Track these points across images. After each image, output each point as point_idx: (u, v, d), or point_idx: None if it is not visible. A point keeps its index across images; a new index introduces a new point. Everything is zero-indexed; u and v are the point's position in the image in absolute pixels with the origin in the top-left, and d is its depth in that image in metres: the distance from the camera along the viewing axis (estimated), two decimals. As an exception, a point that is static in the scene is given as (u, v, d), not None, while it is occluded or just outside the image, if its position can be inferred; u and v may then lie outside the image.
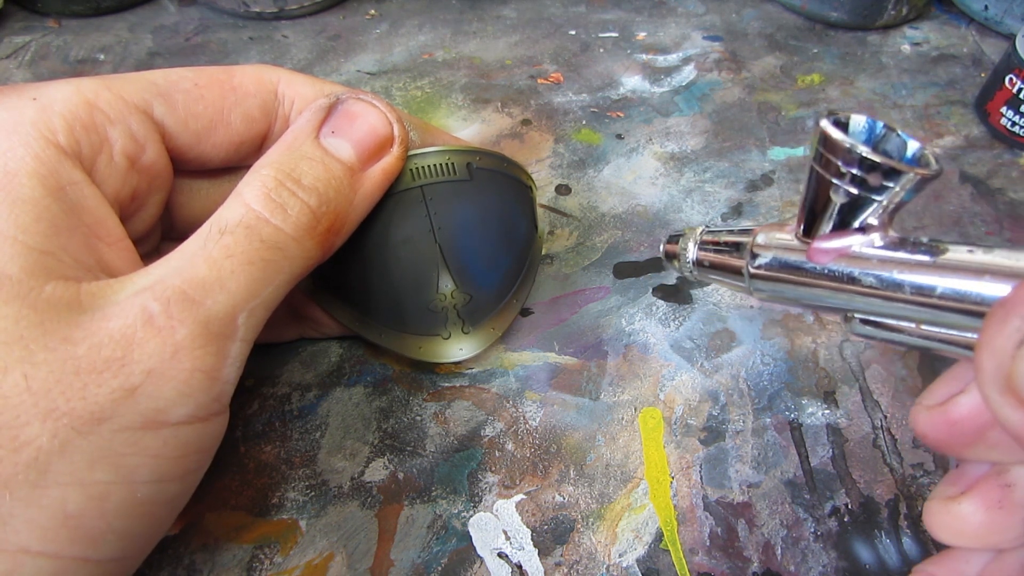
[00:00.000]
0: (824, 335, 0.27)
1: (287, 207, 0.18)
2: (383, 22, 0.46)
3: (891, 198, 0.14)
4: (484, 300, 0.24)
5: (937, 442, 0.15)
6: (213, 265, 0.16)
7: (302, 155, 0.19)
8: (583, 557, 0.21)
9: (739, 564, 0.21)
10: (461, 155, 0.23)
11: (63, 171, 0.16)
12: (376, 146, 0.20)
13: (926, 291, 0.14)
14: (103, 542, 0.14)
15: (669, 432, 0.24)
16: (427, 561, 0.21)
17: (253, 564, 0.21)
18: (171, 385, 0.15)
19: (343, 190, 0.19)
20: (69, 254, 0.16)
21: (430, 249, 0.23)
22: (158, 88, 0.19)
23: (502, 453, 0.23)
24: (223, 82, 0.20)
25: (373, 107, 0.21)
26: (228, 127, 0.20)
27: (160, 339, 0.15)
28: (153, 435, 0.15)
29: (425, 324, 0.24)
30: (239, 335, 0.16)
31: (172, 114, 0.19)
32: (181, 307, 0.15)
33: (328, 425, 0.24)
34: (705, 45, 0.44)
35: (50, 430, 0.14)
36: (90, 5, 0.46)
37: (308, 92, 0.21)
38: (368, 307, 0.24)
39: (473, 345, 0.24)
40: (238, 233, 0.17)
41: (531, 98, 0.39)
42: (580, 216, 0.32)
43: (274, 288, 0.17)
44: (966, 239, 0.31)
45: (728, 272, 0.19)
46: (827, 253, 0.16)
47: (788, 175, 0.34)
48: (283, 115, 0.21)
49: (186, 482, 0.16)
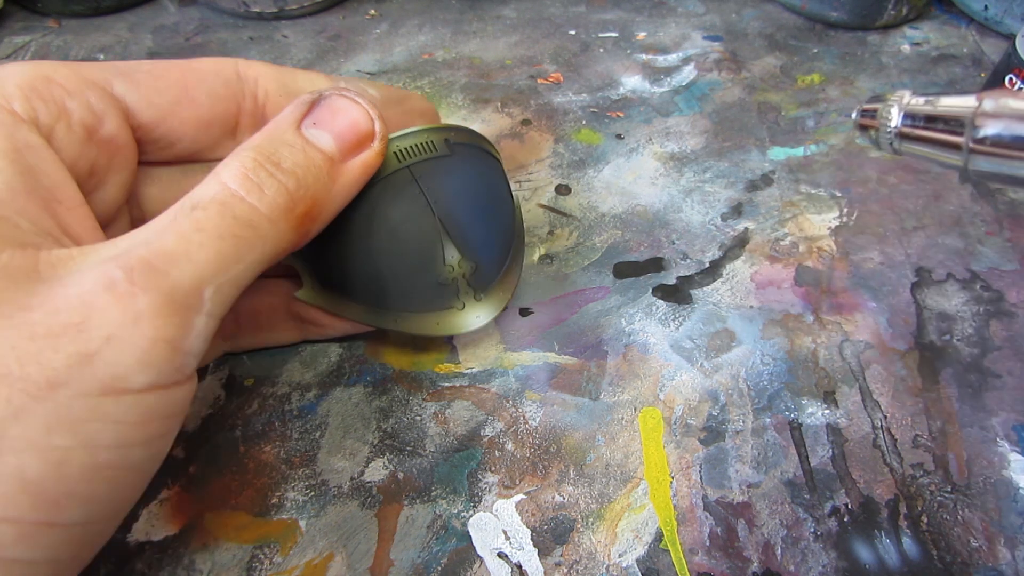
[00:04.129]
0: (824, 335, 0.27)
1: (264, 186, 0.18)
2: (383, 22, 0.46)
3: None
4: (488, 266, 0.25)
5: None
6: (182, 237, 0.16)
7: (282, 142, 0.19)
8: (583, 557, 0.21)
9: (739, 564, 0.21)
10: (438, 132, 0.23)
11: (19, 134, 0.16)
12: (357, 139, 0.21)
13: None
14: (66, 507, 0.14)
15: (669, 432, 0.24)
16: (427, 561, 0.21)
17: (253, 564, 0.21)
18: (131, 352, 0.14)
19: (322, 177, 0.19)
20: (27, 218, 0.15)
21: (430, 224, 0.23)
22: (118, 69, 0.19)
23: (502, 453, 0.23)
24: (183, 64, 0.21)
25: (355, 103, 0.21)
26: (194, 103, 0.20)
27: (121, 305, 0.14)
28: (113, 401, 0.14)
29: (439, 299, 0.24)
30: (205, 309, 0.16)
31: (134, 90, 0.19)
32: (145, 275, 0.15)
33: (328, 425, 0.24)
34: (705, 45, 0.44)
35: (4, 396, 0.13)
36: (90, 5, 0.46)
37: (266, 70, 0.22)
38: (380, 296, 0.24)
39: (488, 311, 0.24)
40: (211, 208, 0.17)
41: (531, 98, 0.39)
42: (580, 216, 0.32)
43: (245, 267, 0.17)
44: (963, 235, 0.31)
45: (942, 146, 0.16)
46: None
47: (788, 175, 0.34)
48: (250, 94, 0.21)
49: (152, 447, 0.16)
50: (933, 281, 0.29)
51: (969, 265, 0.30)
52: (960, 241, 0.31)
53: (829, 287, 0.29)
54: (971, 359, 0.26)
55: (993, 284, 0.29)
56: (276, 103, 0.22)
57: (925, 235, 0.31)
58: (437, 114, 0.26)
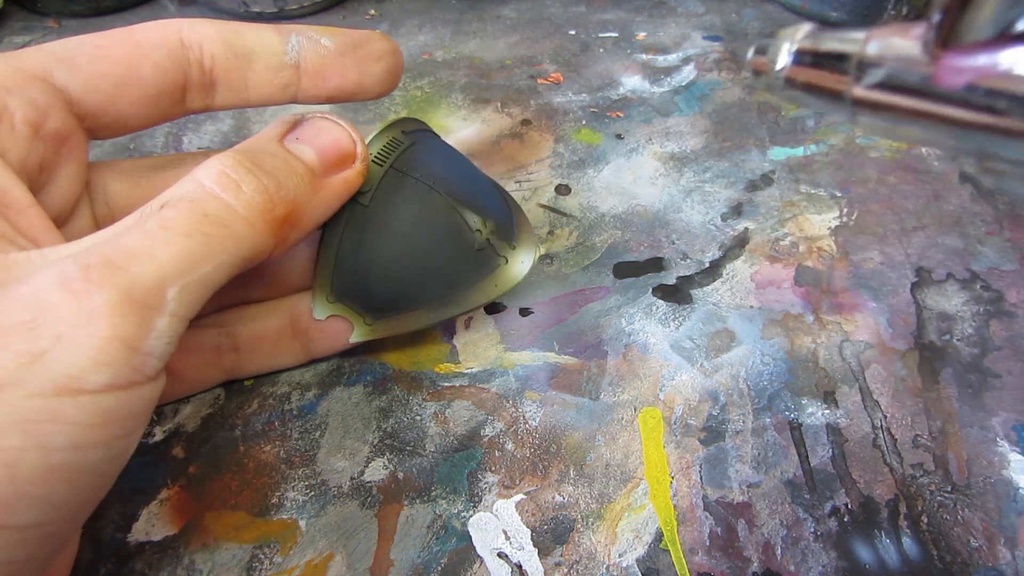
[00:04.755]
0: (824, 335, 0.27)
1: (242, 184, 0.17)
2: (383, 22, 0.46)
3: None
4: (503, 217, 0.25)
5: None
6: (146, 235, 0.15)
7: (264, 150, 0.19)
8: (583, 557, 0.21)
9: (739, 564, 0.21)
10: (394, 128, 0.24)
11: None
12: (339, 156, 0.21)
13: None
14: (17, 509, 0.13)
15: (669, 432, 0.24)
16: (427, 561, 0.21)
17: (253, 564, 0.21)
18: (84, 352, 0.14)
19: (303, 185, 0.19)
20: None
21: (442, 203, 0.23)
22: (57, 55, 0.19)
23: (502, 453, 0.23)
24: (125, 39, 0.20)
25: (338, 125, 0.21)
26: (140, 81, 0.20)
27: (75, 303, 0.14)
28: (68, 402, 0.14)
29: (484, 264, 0.25)
30: (168, 309, 0.15)
31: (76, 78, 0.19)
32: (102, 272, 0.14)
33: (328, 425, 0.24)
34: (705, 45, 0.44)
35: None
36: (90, 5, 0.46)
37: (211, 31, 0.21)
38: (434, 292, 0.24)
39: (529, 253, 0.25)
40: (180, 206, 0.16)
41: (531, 98, 0.39)
42: (580, 216, 0.32)
43: (214, 267, 0.16)
44: (963, 235, 0.31)
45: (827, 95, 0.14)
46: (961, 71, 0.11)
47: (788, 175, 0.34)
48: (195, 61, 0.21)
49: (111, 449, 0.15)
50: (933, 281, 0.29)
51: (969, 265, 0.30)
52: (960, 241, 0.31)
53: (829, 287, 0.29)
54: (971, 359, 0.26)
55: (993, 284, 0.29)
56: (224, 67, 0.21)
57: (925, 235, 0.31)
58: (398, 52, 0.25)
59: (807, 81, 0.15)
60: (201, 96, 0.22)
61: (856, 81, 0.13)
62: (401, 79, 0.40)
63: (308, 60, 0.22)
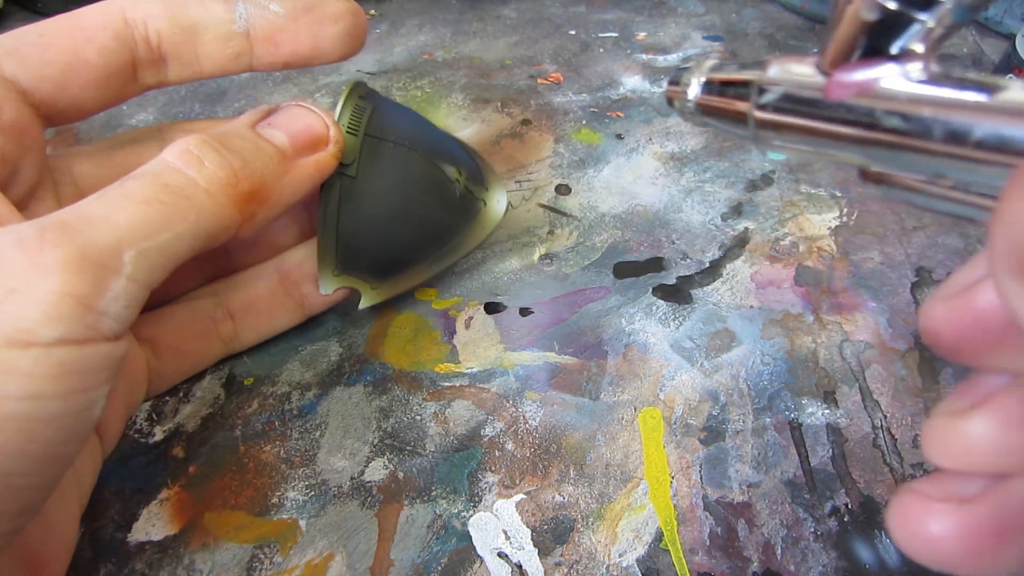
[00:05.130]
0: (824, 335, 0.27)
1: (204, 160, 0.18)
2: (383, 22, 0.46)
3: (940, 17, 0.11)
4: (472, 166, 0.27)
5: (954, 342, 0.12)
6: (105, 203, 0.16)
7: (234, 134, 0.20)
8: (583, 557, 0.21)
9: (739, 564, 0.21)
10: (353, 95, 0.24)
11: None
12: (311, 139, 0.21)
13: (963, 137, 0.11)
14: None
15: (669, 432, 0.24)
16: (427, 561, 0.21)
17: (253, 564, 0.21)
18: (36, 306, 0.14)
19: (271, 164, 0.20)
20: None
21: (421, 160, 0.25)
22: (4, 48, 0.19)
23: (502, 453, 0.23)
24: (69, 24, 0.20)
25: (311, 112, 0.22)
26: (87, 65, 0.20)
27: (28, 260, 0.14)
28: (20, 353, 0.14)
29: (468, 210, 0.26)
30: (125, 272, 0.16)
31: (24, 68, 0.19)
32: (57, 233, 0.15)
33: (328, 424, 0.24)
34: (705, 45, 0.44)
35: None
36: (90, 5, 0.46)
37: (154, 8, 0.21)
38: (430, 245, 0.26)
39: (501, 192, 0.28)
40: (143, 178, 0.17)
41: (531, 98, 0.39)
42: (580, 216, 0.32)
43: (174, 235, 0.17)
44: (963, 235, 0.31)
45: (731, 118, 0.15)
46: (846, 86, 0.12)
47: (788, 175, 0.34)
48: (141, 38, 0.21)
49: (71, 401, 0.15)
50: (933, 281, 0.29)
51: (969, 265, 0.30)
52: (960, 241, 0.31)
53: (829, 287, 0.29)
54: (971, 359, 0.26)
55: (993, 284, 0.29)
56: (171, 41, 0.22)
57: (925, 235, 0.31)
58: (358, 12, 0.24)
59: (715, 107, 0.16)
60: (153, 72, 0.22)
61: (757, 103, 0.14)
62: (402, 79, 0.41)
63: (258, 27, 0.22)
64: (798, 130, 0.14)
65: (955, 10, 0.11)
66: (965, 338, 0.12)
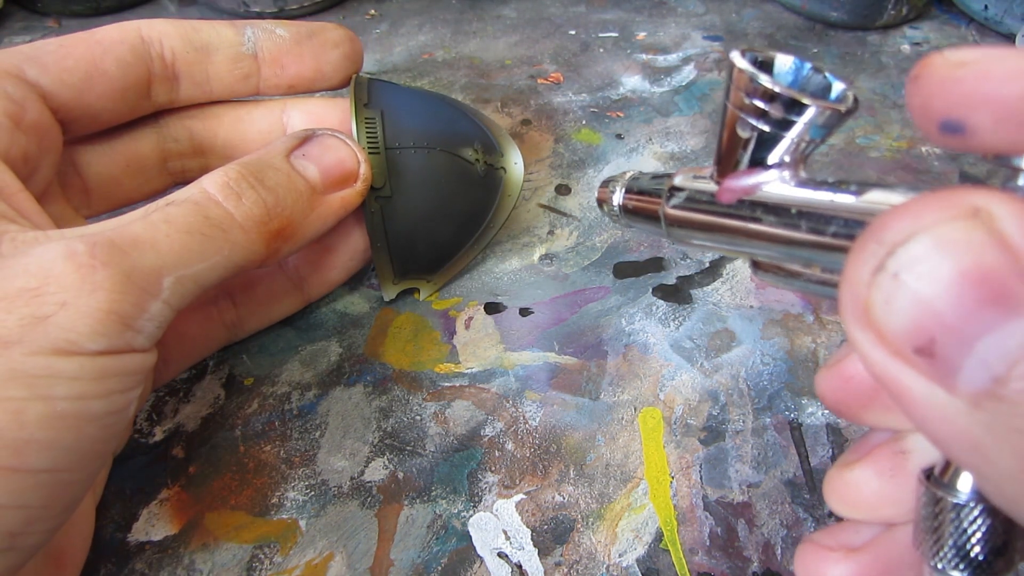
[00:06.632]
0: (824, 335, 0.27)
1: (242, 196, 0.19)
2: (383, 22, 0.46)
3: (800, 134, 0.14)
4: (483, 136, 0.28)
5: (835, 404, 0.15)
6: (149, 227, 0.17)
7: (269, 164, 0.20)
8: (583, 557, 0.21)
9: (739, 564, 0.21)
10: (359, 108, 0.25)
11: None
12: (341, 175, 0.22)
13: (821, 229, 0.13)
14: (28, 453, 0.15)
15: (669, 432, 0.24)
16: (427, 561, 0.21)
17: (253, 564, 0.21)
18: (83, 320, 0.15)
19: (301, 202, 0.21)
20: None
21: (442, 156, 0.26)
22: (25, 54, 0.20)
23: (502, 453, 0.23)
24: (87, 38, 0.21)
25: (345, 144, 0.22)
26: (105, 75, 0.21)
27: (79, 275, 0.15)
28: (66, 360, 0.15)
29: (492, 184, 0.28)
30: (163, 296, 0.17)
31: (45, 74, 0.20)
32: (107, 252, 0.16)
33: (328, 424, 0.24)
34: (705, 45, 0.44)
35: None
36: (90, 5, 0.46)
37: (168, 28, 0.22)
38: (471, 226, 0.27)
39: (515, 152, 0.29)
40: (184, 206, 0.18)
41: (531, 98, 0.39)
42: (580, 216, 0.32)
43: (209, 266, 0.18)
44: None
45: (648, 217, 0.18)
46: (732, 191, 0.15)
47: (788, 175, 0.34)
48: (156, 55, 0.22)
49: (112, 402, 0.16)
50: (933, 281, 0.29)
51: (969, 265, 0.30)
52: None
53: (829, 287, 0.29)
54: (971, 359, 0.26)
55: (993, 284, 0.29)
56: (184, 60, 0.23)
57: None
58: (355, 39, 0.26)
59: (634, 207, 0.19)
60: (165, 89, 0.23)
61: (667, 204, 0.17)
62: (402, 79, 0.41)
63: (265, 49, 0.24)
64: (700, 227, 0.16)
65: (811, 129, 0.14)
66: (842, 401, 0.14)
